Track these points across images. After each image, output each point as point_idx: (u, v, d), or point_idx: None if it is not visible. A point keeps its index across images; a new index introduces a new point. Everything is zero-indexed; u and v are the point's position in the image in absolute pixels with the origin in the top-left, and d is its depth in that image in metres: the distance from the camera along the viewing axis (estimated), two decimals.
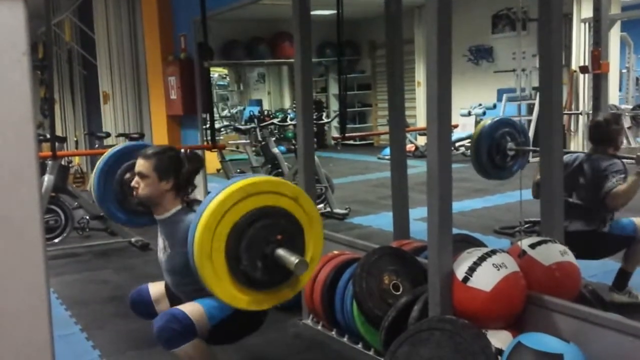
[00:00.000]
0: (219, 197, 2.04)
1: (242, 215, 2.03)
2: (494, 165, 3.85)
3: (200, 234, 2.00)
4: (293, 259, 2.02)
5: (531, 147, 4.24)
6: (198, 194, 3.82)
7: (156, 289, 2.63)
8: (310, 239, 2.18)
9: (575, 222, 3.19)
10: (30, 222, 1.09)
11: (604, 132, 3.33)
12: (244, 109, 13.28)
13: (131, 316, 3.60)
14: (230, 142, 6.91)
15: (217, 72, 13.35)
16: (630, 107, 8.74)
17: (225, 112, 12.95)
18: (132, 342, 3.22)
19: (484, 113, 9.78)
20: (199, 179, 2.70)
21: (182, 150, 2.48)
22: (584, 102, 8.00)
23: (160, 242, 2.50)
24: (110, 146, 6.06)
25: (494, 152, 3.79)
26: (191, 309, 2.29)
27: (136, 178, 2.39)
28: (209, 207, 2.02)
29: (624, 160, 3.26)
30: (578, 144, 8.07)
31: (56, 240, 5.11)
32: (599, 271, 3.42)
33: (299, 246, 2.14)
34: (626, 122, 8.28)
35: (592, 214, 3.25)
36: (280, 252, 2.05)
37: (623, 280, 3.26)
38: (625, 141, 8.17)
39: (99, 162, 2.72)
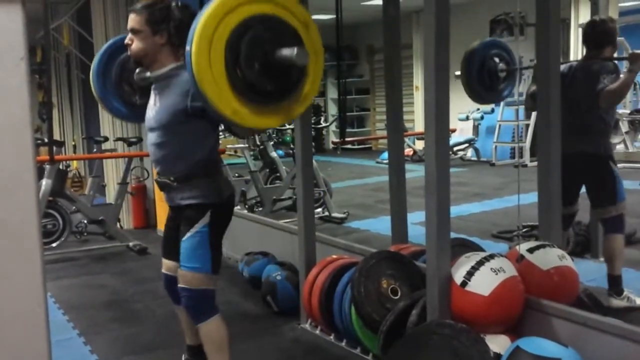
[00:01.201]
0: (208, 11, 1.89)
1: (253, 14, 1.90)
2: (485, 86, 3.77)
3: (202, 24, 1.86)
4: (293, 49, 1.89)
5: (521, 66, 4.10)
6: None
7: (166, 265, 2.58)
8: (310, 71, 2.05)
9: (577, 141, 3.12)
10: (28, 226, 1.09)
11: (600, 32, 3.24)
12: None
13: (129, 320, 3.61)
14: (228, 146, 6.90)
15: None
16: (628, 111, 8.75)
17: None
18: (129, 347, 3.21)
19: (482, 117, 9.80)
20: None
21: (173, 2, 2.36)
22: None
23: (152, 99, 2.41)
24: (109, 150, 6.08)
25: (485, 73, 3.70)
26: (184, 280, 2.32)
27: (129, 35, 2.32)
28: (202, 19, 1.88)
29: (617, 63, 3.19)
30: None
31: (54, 245, 5.10)
32: (597, 275, 3.42)
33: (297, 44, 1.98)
34: (624, 127, 8.29)
35: (588, 132, 3.20)
36: (279, 51, 1.91)
37: (615, 284, 3.25)
38: (623, 146, 8.20)
39: (95, 61, 2.61)
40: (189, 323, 2.59)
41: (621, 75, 3.09)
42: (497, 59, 3.68)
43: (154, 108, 2.39)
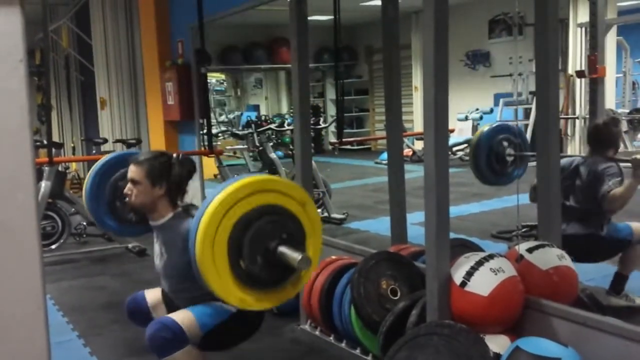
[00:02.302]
0: (231, 187, 2.03)
1: (252, 207, 2.01)
2: (493, 171, 3.85)
3: (205, 223, 1.97)
4: (296, 255, 2.00)
5: (529, 153, 4.23)
6: (195, 199, 3.83)
7: (152, 295, 2.62)
8: (310, 246, 2.17)
9: (572, 225, 3.20)
10: (27, 228, 1.09)
11: (603, 135, 3.34)
12: (242, 114, 13.27)
13: (128, 322, 3.59)
14: (227, 147, 6.91)
15: (214, 78, 13.36)
16: (627, 111, 8.77)
17: (223, 118, 12.94)
18: (129, 349, 3.21)
19: (481, 118, 9.80)
20: (196, 185, 2.69)
21: (174, 154, 2.45)
22: (581, 106, 8.02)
23: (157, 248, 2.48)
24: (108, 152, 6.07)
25: (493, 159, 3.78)
26: (182, 316, 2.29)
27: (129, 185, 2.37)
28: (219, 197, 2.00)
29: (621, 164, 3.27)
30: (575, 148, 8.09)
31: (53, 247, 5.10)
32: (596, 275, 3.42)
33: (301, 249, 2.13)
34: (623, 126, 8.30)
35: (589, 217, 3.26)
36: (283, 248, 2.03)
37: (620, 283, 3.27)
38: (622, 145, 8.20)
39: (90, 172, 2.69)
40: None
41: (625, 181, 3.15)
42: (505, 143, 3.76)
43: (160, 258, 2.45)
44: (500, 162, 3.83)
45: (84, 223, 5.37)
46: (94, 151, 6.14)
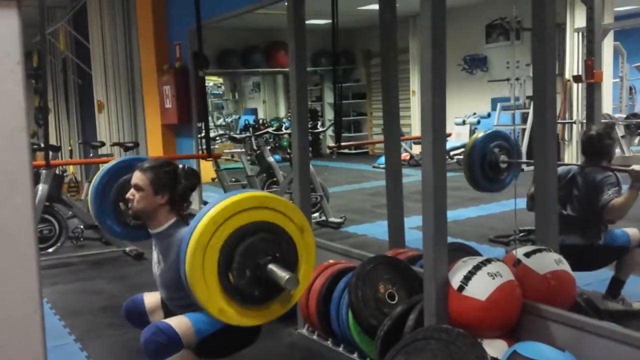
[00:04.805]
0: (234, 197, 2.04)
1: (251, 221, 2.03)
2: (487, 177, 3.86)
3: (201, 228, 1.97)
4: (284, 274, 2.01)
5: (523, 160, 4.25)
6: (194, 203, 3.82)
7: (151, 299, 2.62)
8: (301, 271, 2.17)
9: (570, 236, 3.20)
10: (24, 231, 1.08)
11: (597, 146, 3.35)
12: (239, 117, 13.29)
13: (125, 326, 3.57)
14: (225, 151, 6.90)
15: (212, 81, 13.37)
16: (624, 116, 8.79)
17: (220, 121, 12.95)
18: (126, 353, 3.19)
19: (479, 122, 9.82)
20: (194, 194, 2.69)
21: (180, 165, 2.47)
22: (578, 111, 8.04)
23: (155, 256, 2.49)
24: (105, 155, 6.07)
25: (487, 166, 3.80)
26: (178, 322, 2.29)
27: (132, 190, 2.38)
28: (220, 205, 2.01)
29: (617, 173, 3.28)
30: (572, 153, 8.10)
31: (50, 250, 5.09)
32: (593, 280, 3.42)
33: (291, 270, 2.12)
34: (620, 131, 8.32)
35: (587, 226, 3.27)
36: (273, 266, 2.05)
37: (616, 288, 3.28)
38: (619, 150, 8.22)
39: (96, 177, 2.72)
40: None
41: (624, 191, 3.16)
42: (499, 151, 3.78)
43: (158, 267, 2.46)
44: (494, 169, 3.84)
45: (81, 226, 5.35)
46: (91, 154, 6.14)
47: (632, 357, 2.03)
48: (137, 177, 2.38)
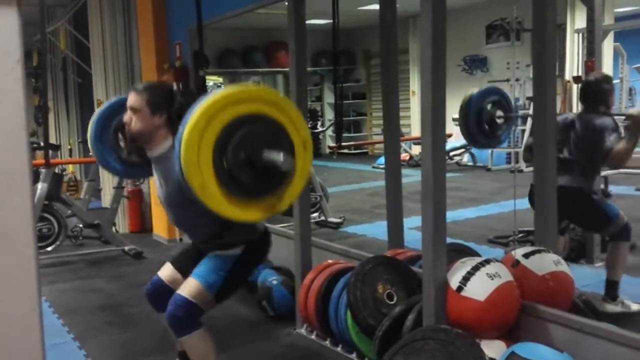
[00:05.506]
0: (208, 101, 1.96)
1: (248, 112, 1.96)
2: (483, 133, 3.81)
3: (188, 134, 1.90)
4: (280, 155, 1.95)
5: (519, 113, 4.16)
6: None
7: (166, 272, 2.57)
8: (295, 179, 2.09)
9: (563, 176, 3.17)
10: (23, 230, 1.08)
11: (595, 91, 3.33)
12: None
13: (124, 325, 3.59)
14: None
15: (212, 81, 13.36)
16: (623, 117, 8.78)
17: None
18: (124, 351, 3.20)
19: None
20: None
21: (175, 85, 2.41)
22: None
23: (157, 179, 2.44)
24: None
25: (483, 120, 3.75)
26: (188, 289, 2.30)
27: (128, 113, 2.33)
28: (200, 106, 1.94)
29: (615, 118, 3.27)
30: None
31: (49, 249, 5.08)
32: (592, 281, 3.42)
33: (287, 151, 2.05)
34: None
35: (581, 170, 3.26)
36: (267, 151, 1.98)
37: (613, 289, 3.26)
38: None
39: (94, 116, 2.66)
40: None
41: (625, 138, 3.14)
42: (493, 106, 3.74)
43: (161, 190, 2.42)
44: (490, 124, 3.78)
45: (80, 225, 5.35)
46: (90, 153, 6.12)
47: (630, 358, 2.03)
48: (132, 99, 2.32)
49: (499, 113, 3.72)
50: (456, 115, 3.87)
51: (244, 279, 2.47)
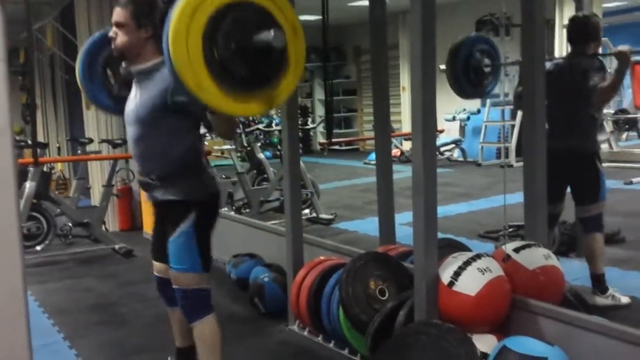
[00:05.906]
0: None
1: (219, 5, 1.86)
2: (470, 82, 3.78)
3: (174, 27, 1.81)
4: (270, 33, 1.87)
5: (505, 62, 4.08)
6: None
7: (156, 267, 2.59)
8: (288, 75, 2.02)
9: (566, 140, 3.16)
10: (8, 231, 1.07)
11: (584, 28, 3.26)
12: None
13: (115, 324, 3.57)
14: (215, 147, 6.87)
15: None
16: (612, 111, 8.83)
17: None
18: (115, 351, 3.18)
19: (468, 118, 9.84)
20: None
21: None
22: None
23: (133, 92, 2.39)
24: (93, 152, 6.02)
25: (471, 69, 3.72)
26: (178, 281, 2.33)
27: (113, 29, 2.30)
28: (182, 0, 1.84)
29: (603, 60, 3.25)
30: None
31: (38, 248, 5.04)
32: (582, 274, 3.44)
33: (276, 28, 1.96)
34: (608, 127, 8.37)
35: (580, 130, 3.23)
36: (257, 34, 1.90)
37: (599, 282, 3.27)
38: (607, 146, 8.28)
39: (80, 53, 2.61)
40: (181, 325, 2.58)
41: (610, 76, 3.12)
42: (482, 54, 3.69)
43: (133, 101, 2.36)
44: (477, 73, 3.75)
45: (70, 224, 5.32)
46: (79, 151, 6.07)
47: (620, 351, 2.04)
48: (117, 14, 2.28)
49: (487, 62, 3.68)
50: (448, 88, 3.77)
51: (208, 239, 2.42)
